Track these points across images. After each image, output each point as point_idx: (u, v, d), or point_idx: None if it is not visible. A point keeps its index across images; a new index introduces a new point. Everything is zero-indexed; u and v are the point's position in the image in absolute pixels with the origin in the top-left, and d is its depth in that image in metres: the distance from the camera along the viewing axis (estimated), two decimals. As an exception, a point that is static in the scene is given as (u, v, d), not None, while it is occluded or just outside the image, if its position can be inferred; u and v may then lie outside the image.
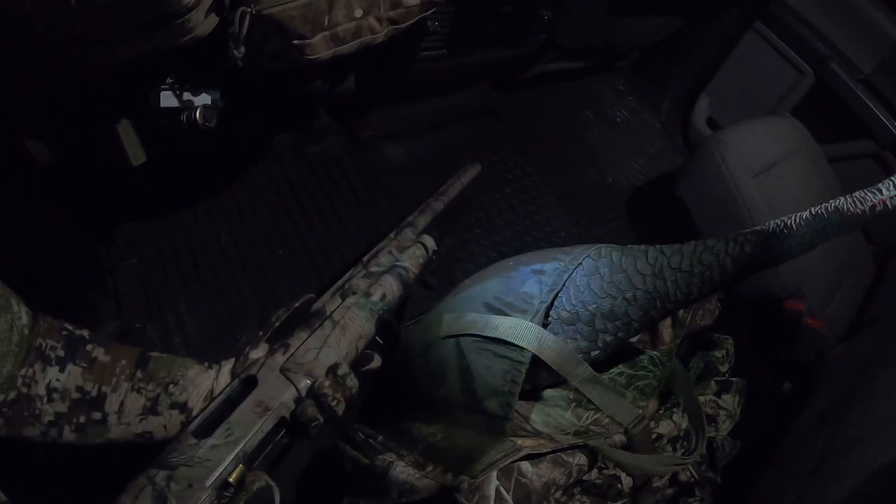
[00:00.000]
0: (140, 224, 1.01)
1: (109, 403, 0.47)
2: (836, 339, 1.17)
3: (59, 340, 0.46)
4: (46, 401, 0.44)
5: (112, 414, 0.47)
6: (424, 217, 0.81)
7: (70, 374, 0.46)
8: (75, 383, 0.46)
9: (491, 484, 0.56)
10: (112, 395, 0.47)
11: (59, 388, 0.45)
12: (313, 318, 0.57)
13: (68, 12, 0.49)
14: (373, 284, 0.64)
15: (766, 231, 0.58)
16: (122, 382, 0.48)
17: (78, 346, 0.47)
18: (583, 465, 0.60)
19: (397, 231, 0.76)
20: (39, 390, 0.44)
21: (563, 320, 0.64)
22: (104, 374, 0.47)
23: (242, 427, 0.45)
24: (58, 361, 0.45)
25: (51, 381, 0.45)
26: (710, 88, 1.72)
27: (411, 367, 0.73)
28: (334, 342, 0.55)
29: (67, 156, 0.78)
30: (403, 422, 0.68)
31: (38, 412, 0.44)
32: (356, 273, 0.67)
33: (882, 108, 1.38)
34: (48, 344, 0.45)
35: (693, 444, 0.71)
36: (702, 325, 0.84)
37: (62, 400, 0.45)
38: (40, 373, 0.44)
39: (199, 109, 0.73)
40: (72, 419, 0.46)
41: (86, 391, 0.46)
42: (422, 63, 1.10)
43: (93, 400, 0.46)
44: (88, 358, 0.47)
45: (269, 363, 0.50)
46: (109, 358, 0.48)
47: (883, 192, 0.53)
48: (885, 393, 0.69)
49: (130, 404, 0.48)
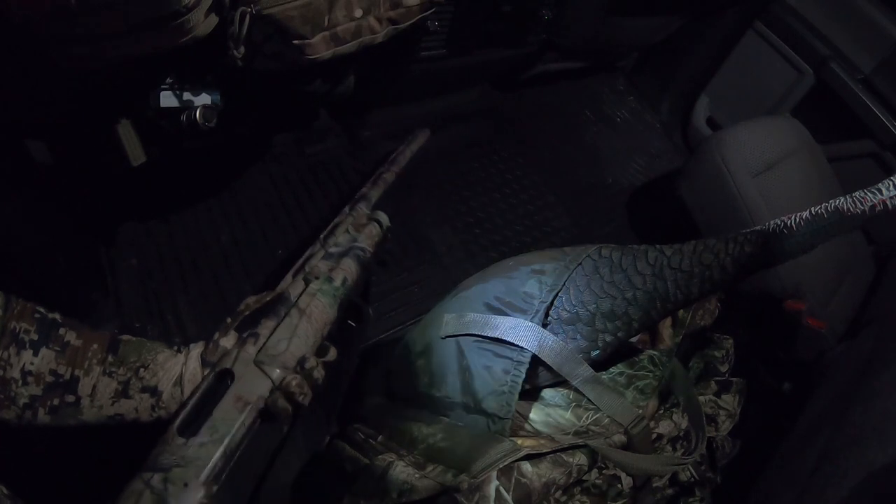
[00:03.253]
0: (140, 224, 1.01)
1: (82, 387, 0.48)
2: (836, 339, 1.17)
3: (33, 324, 0.47)
4: (21, 384, 0.45)
5: (85, 397, 0.48)
6: (377, 189, 0.80)
7: (44, 357, 0.46)
8: (49, 367, 0.46)
9: (491, 484, 0.56)
10: (85, 379, 0.48)
11: (33, 371, 0.46)
12: (278, 305, 0.57)
13: (68, 12, 0.49)
14: (334, 269, 0.63)
15: (766, 231, 0.58)
16: (94, 366, 0.49)
17: (50, 329, 0.48)
18: (583, 465, 0.60)
19: (351, 205, 0.75)
20: (14, 374, 0.45)
21: (563, 320, 0.64)
22: (76, 358, 0.48)
23: (226, 424, 0.46)
24: (31, 345, 0.46)
25: (25, 365, 0.45)
26: (710, 88, 1.72)
27: (411, 367, 0.73)
28: (303, 332, 0.55)
29: (67, 156, 0.78)
30: (403, 422, 0.68)
31: (14, 395, 0.45)
32: (315, 252, 0.66)
33: (882, 108, 1.38)
34: (22, 327, 0.46)
35: (693, 444, 0.71)
36: (702, 325, 0.84)
37: (36, 383, 0.46)
38: (15, 356, 0.45)
39: (199, 109, 0.73)
40: (46, 402, 0.46)
41: (59, 374, 0.47)
42: (422, 63, 1.10)
43: (66, 383, 0.47)
44: (61, 342, 0.48)
45: (243, 356, 0.51)
46: (81, 342, 0.49)
47: (883, 192, 0.53)
48: (885, 393, 0.69)
49: (102, 388, 0.48)
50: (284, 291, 0.59)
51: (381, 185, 0.81)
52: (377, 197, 0.79)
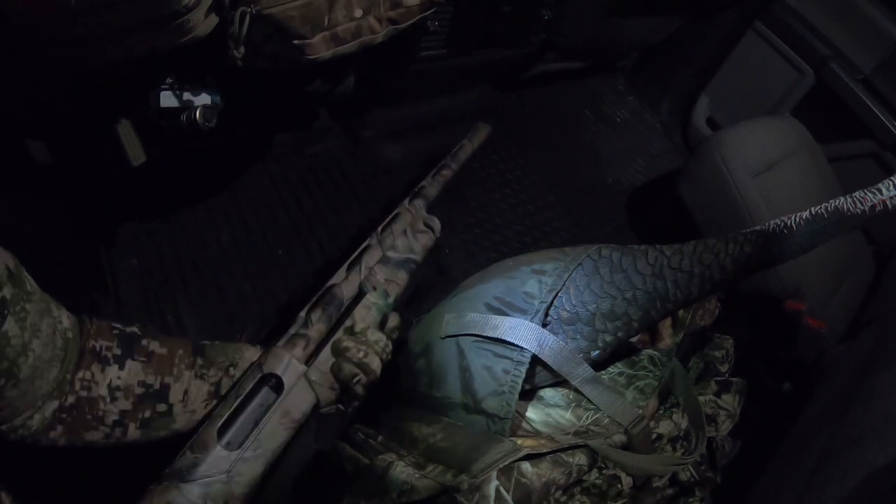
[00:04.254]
0: (140, 224, 1.01)
1: (173, 393, 0.47)
2: (836, 339, 1.17)
3: (113, 340, 0.46)
4: (109, 400, 0.44)
5: (177, 404, 0.47)
6: (436, 186, 0.78)
7: (130, 370, 0.45)
8: (137, 378, 0.46)
9: (491, 484, 0.56)
10: (175, 385, 0.47)
11: (121, 385, 0.45)
12: (330, 305, 0.56)
13: (68, 12, 0.49)
14: (390, 282, 0.63)
15: (766, 231, 0.58)
16: (184, 371, 0.48)
17: (132, 342, 0.47)
18: (583, 465, 0.60)
19: (410, 198, 0.74)
20: (101, 391, 0.44)
21: (563, 320, 0.64)
22: (164, 366, 0.47)
23: (271, 440, 0.46)
24: (116, 360, 0.45)
25: (111, 381, 0.44)
26: (710, 88, 1.72)
27: (411, 367, 0.73)
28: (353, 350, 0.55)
29: (67, 156, 0.78)
30: (403, 422, 0.68)
31: (102, 413, 0.44)
32: (371, 247, 0.64)
33: (882, 108, 1.38)
34: (102, 345, 0.45)
35: (693, 444, 0.71)
36: (702, 325, 0.84)
37: (126, 397, 0.45)
38: (99, 374, 0.44)
39: (199, 109, 0.73)
40: (136, 415, 0.45)
41: (149, 384, 0.46)
42: (422, 63, 1.10)
43: (157, 392, 0.46)
44: (146, 352, 0.47)
45: (294, 366, 0.49)
46: (166, 350, 0.48)
47: (883, 192, 0.53)
48: (885, 393, 0.69)
49: (195, 391, 0.48)
50: (337, 288, 0.58)
51: (441, 181, 0.80)
52: (435, 194, 0.77)
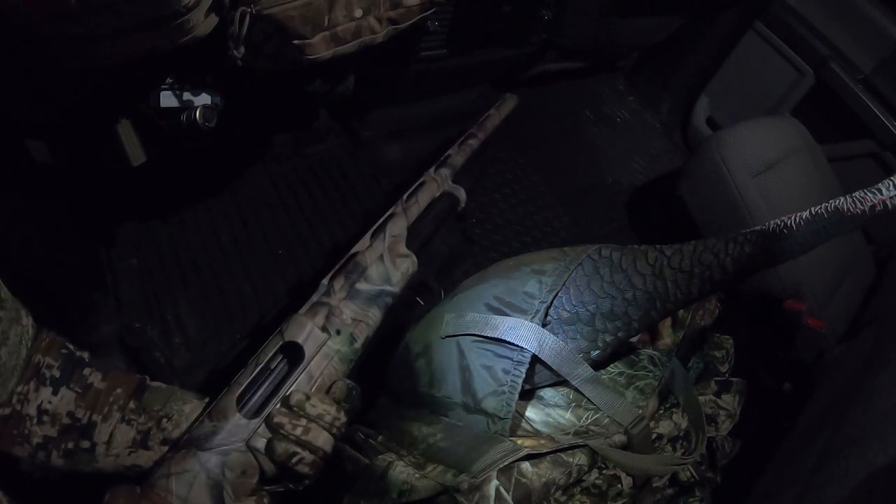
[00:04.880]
0: (140, 224, 1.01)
1: (99, 433, 0.45)
2: (836, 339, 1.17)
3: (58, 360, 0.45)
4: (36, 422, 0.43)
5: (101, 444, 0.45)
6: (462, 155, 0.77)
7: (63, 397, 0.44)
8: (67, 408, 0.44)
9: (491, 484, 0.56)
10: (102, 425, 0.45)
11: (50, 410, 0.43)
12: (353, 272, 0.55)
13: (68, 12, 0.49)
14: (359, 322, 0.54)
15: (766, 231, 0.58)
16: (114, 413, 0.45)
17: (75, 368, 0.45)
18: (583, 465, 0.60)
19: (436, 166, 0.73)
20: (30, 410, 0.43)
21: (563, 320, 0.64)
22: (97, 402, 0.45)
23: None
24: (52, 382, 0.44)
25: (42, 403, 0.43)
26: (710, 88, 1.72)
27: (411, 367, 0.73)
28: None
29: (67, 156, 0.78)
30: (403, 422, 0.68)
31: (28, 433, 0.43)
32: (396, 217, 0.62)
33: (882, 108, 1.38)
34: (45, 362, 0.44)
35: (693, 444, 0.71)
36: (702, 325, 0.84)
37: (52, 424, 0.43)
38: (33, 392, 0.43)
39: (199, 109, 0.73)
40: (60, 444, 0.44)
41: (77, 417, 0.44)
42: (422, 63, 1.10)
43: (83, 427, 0.44)
44: (84, 383, 0.45)
45: (315, 335, 0.48)
46: (105, 385, 0.46)
47: (883, 192, 0.53)
48: (885, 393, 0.69)
49: (120, 436, 0.45)
50: (360, 256, 0.57)
51: (467, 150, 0.78)
52: (461, 163, 0.76)
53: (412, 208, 0.63)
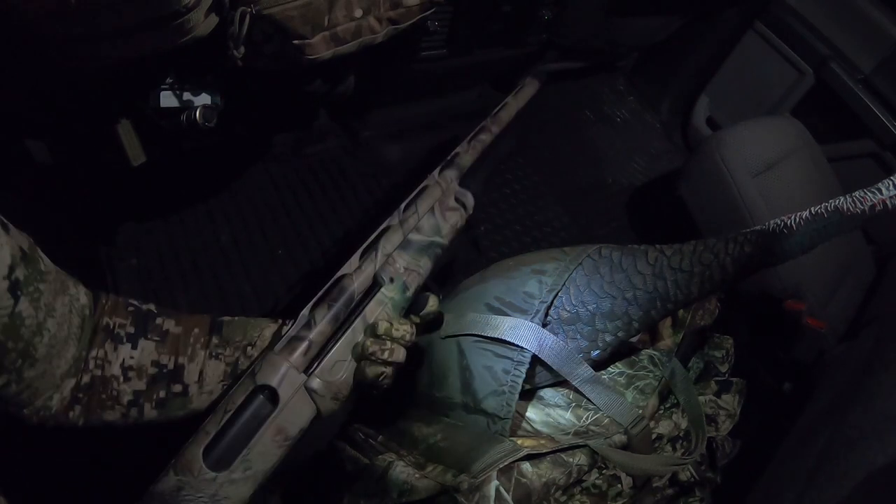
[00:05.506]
0: (140, 224, 1.01)
1: (188, 374, 0.45)
2: (836, 339, 1.17)
3: (127, 317, 0.45)
4: (123, 380, 0.43)
5: (192, 384, 0.46)
6: (472, 153, 0.68)
7: (143, 349, 0.44)
8: (150, 358, 0.44)
9: (491, 484, 0.56)
10: (190, 366, 0.45)
11: (133, 365, 0.44)
12: (337, 302, 0.48)
13: (68, 12, 0.49)
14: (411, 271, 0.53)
15: (766, 231, 0.58)
16: (199, 351, 0.46)
17: (147, 320, 0.46)
18: (583, 465, 0.60)
19: (441, 167, 0.64)
20: (114, 370, 0.43)
21: (563, 320, 0.64)
22: (179, 346, 0.46)
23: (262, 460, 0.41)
24: (129, 339, 0.44)
25: (124, 360, 0.44)
26: (710, 88, 1.72)
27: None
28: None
29: (67, 156, 0.78)
30: (403, 422, 0.68)
31: (116, 393, 0.43)
32: (391, 228, 0.56)
33: (882, 108, 1.38)
34: (116, 322, 0.44)
35: (693, 444, 0.71)
36: (702, 325, 0.84)
37: (139, 377, 0.44)
38: (112, 353, 0.43)
39: (199, 109, 0.73)
40: (151, 395, 0.44)
41: (162, 365, 0.45)
42: (422, 63, 1.10)
43: (171, 373, 0.45)
44: (160, 331, 0.46)
45: (290, 376, 0.43)
46: (181, 329, 0.47)
47: (883, 192, 0.53)
48: (885, 393, 0.69)
49: (210, 372, 0.46)
50: (347, 279, 0.49)
51: (478, 147, 0.69)
52: (470, 163, 0.67)
53: (410, 219, 0.57)
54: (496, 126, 0.73)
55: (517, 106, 0.80)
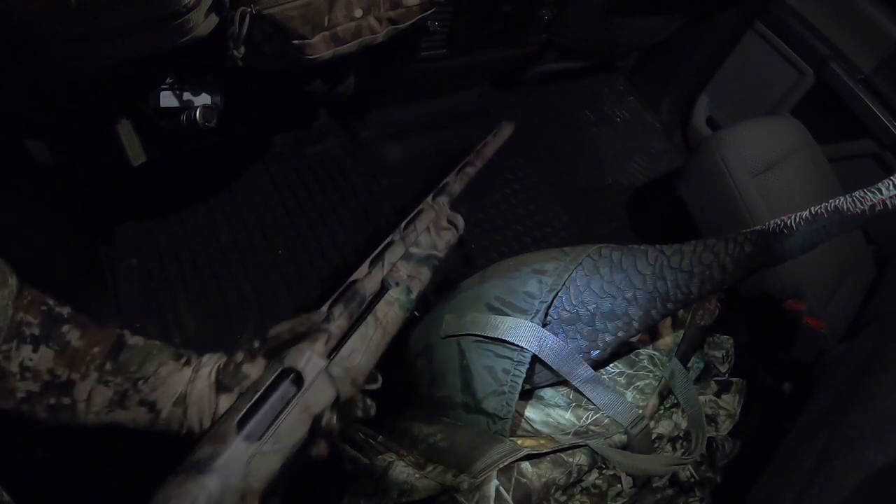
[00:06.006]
0: (140, 224, 1.01)
1: (78, 391, 0.46)
2: (836, 339, 1.17)
3: (38, 317, 0.46)
4: (19, 378, 0.44)
5: (80, 402, 0.46)
6: (460, 183, 0.78)
7: (42, 356, 0.45)
8: (46, 366, 0.45)
9: (491, 484, 0.56)
10: (81, 384, 0.46)
11: (31, 367, 0.44)
12: (352, 301, 0.54)
13: (68, 12, 0.49)
14: (413, 277, 0.61)
15: (766, 231, 0.58)
16: (91, 372, 0.46)
17: (54, 326, 0.46)
18: (583, 465, 0.60)
19: (433, 195, 0.73)
20: (13, 367, 0.44)
21: (563, 320, 0.64)
22: (74, 361, 0.46)
23: (290, 435, 0.45)
24: (32, 340, 0.45)
25: (24, 360, 0.44)
26: (710, 88, 1.72)
27: (412, 367, 0.73)
28: (374, 345, 0.54)
29: (67, 156, 0.78)
30: (403, 422, 0.68)
31: (12, 388, 0.44)
32: (395, 244, 0.64)
33: (882, 108, 1.38)
34: (26, 319, 0.45)
35: (693, 444, 0.71)
36: (702, 325, 0.84)
37: (34, 380, 0.45)
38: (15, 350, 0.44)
39: (199, 109, 0.73)
40: (42, 400, 0.45)
41: (56, 375, 0.45)
42: (422, 63, 1.10)
43: (62, 385, 0.45)
44: (62, 341, 0.46)
45: (314, 360, 0.48)
46: (83, 343, 0.47)
47: (883, 192, 0.53)
48: (885, 393, 0.69)
49: (97, 396, 0.46)
50: (359, 283, 0.56)
51: (464, 178, 0.79)
52: (458, 191, 0.77)
53: (409, 236, 0.66)
54: (479, 161, 0.84)
55: (496, 145, 0.91)
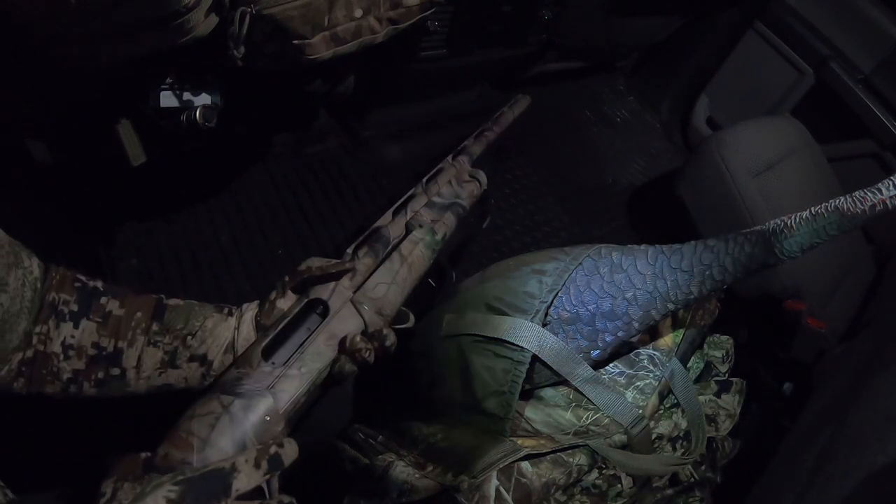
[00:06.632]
0: (140, 224, 1.01)
1: (127, 359, 0.45)
2: (836, 339, 1.17)
3: (73, 294, 0.45)
4: (63, 358, 0.43)
5: (130, 369, 0.46)
6: (479, 145, 0.79)
7: (84, 330, 0.44)
8: (90, 339, 0.44)
9: (491, 484, 0.56)
10: (129, 350, 0.45)
11: (74, 344, 0.44)
12: (376, 242, 0.55)
13: (68, 12, 0.49)
14: (437, 221, 0.62)
15: (766, 231, 0.58)
16: (138, 336, 0.46)
17: (91, 299, 0.46)
18: (583, 465, 0.60)
19: (454, 155, 0.74)
20: (55, 348, 0.43)
21: (563, 320, 0.64)
22: (119, 329, 0.46)
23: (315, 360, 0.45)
24: (71, 317, 0.44)
25: (66, 339, 0.43)
26: (710, 88, 1.72)
27: (412, 366, 0.73)
28: (402, 280, 0.54)
29: (67, 156, 0.78)
30: (403, 422, 0.68)
31: (56, 370, 0.43)
32: (417, 195, 0.64)
33: (882, 108, 1.38)
34: (61, 298, 0.44)
35: (693, 444, 0.71)
36: (702, 325, 0.84)
37: (78, 357, 0.44)
38: (54, 329, 0.43)
39: (199, 109, 0.73)
40: (90, 375, 0.45)
41: (102, 347, 0.45)
42: (422, 63, 1.10)
43: (109, 356, 0.45)
44: (102, 312, 0.45)
45: (339, 291, 0.49)
46: (124, 311, 0.46)
47: (883, 192, 0.53)
48: (885, 393, 0.69)
49: (148, 359, 0.46)
50: (384, 228, 0.58)
51: (483, 141, 0.80)
52: (479, 153, 0.78)
53: (431, 188, 0.66)
54: (497, 127, 0.84)
55: (513, 115, 0.91)
